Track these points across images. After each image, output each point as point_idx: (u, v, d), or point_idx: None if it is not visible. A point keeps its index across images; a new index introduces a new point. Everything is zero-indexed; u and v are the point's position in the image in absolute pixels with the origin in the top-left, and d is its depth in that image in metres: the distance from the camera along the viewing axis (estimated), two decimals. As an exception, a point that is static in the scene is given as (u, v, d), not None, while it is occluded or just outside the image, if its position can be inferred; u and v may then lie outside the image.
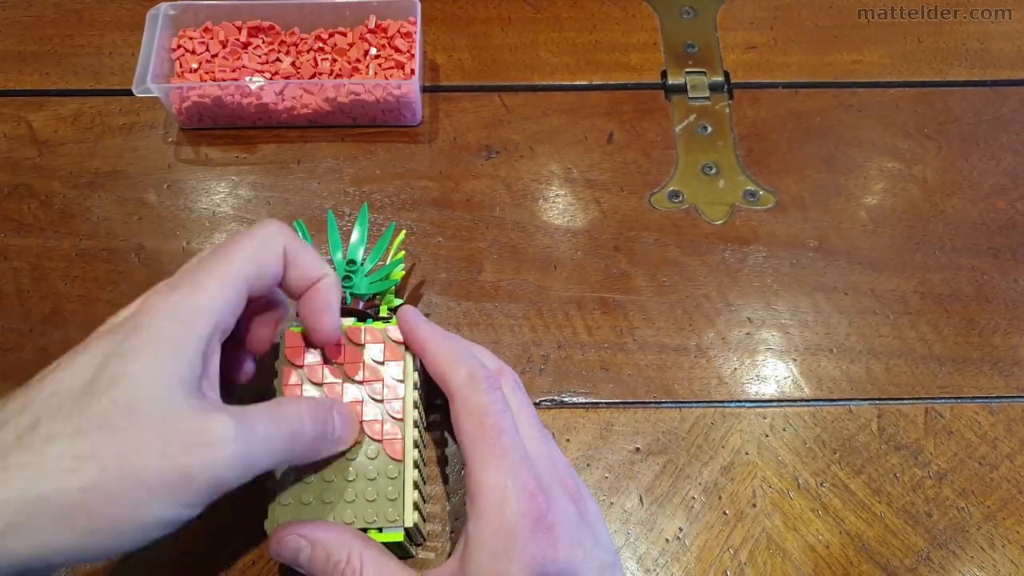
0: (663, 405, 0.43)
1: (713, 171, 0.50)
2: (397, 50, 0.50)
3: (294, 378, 0.36)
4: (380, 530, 0.34)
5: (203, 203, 0.48)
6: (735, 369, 0.44)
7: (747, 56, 0.55)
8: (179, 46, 0.50)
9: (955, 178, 0.50)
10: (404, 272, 0.44)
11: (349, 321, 0.38)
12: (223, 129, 0.50)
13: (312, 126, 0.51)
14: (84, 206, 0.48)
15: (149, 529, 0.27)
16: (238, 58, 0.50)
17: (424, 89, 0.52)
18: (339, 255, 0.41)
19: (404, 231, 0.43)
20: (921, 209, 0.49)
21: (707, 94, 0.53)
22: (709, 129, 0.52)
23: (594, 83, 0.53)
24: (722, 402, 0.43)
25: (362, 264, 0.40)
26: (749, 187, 0.49)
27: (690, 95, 0.53)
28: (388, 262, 0.41)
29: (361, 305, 0.39)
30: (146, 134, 0.50)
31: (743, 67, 0.54)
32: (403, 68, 0.50)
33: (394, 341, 0.37)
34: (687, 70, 0.54)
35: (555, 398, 0.43)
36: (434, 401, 0.41)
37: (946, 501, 0.40)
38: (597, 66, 0.54)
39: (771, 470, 0.41)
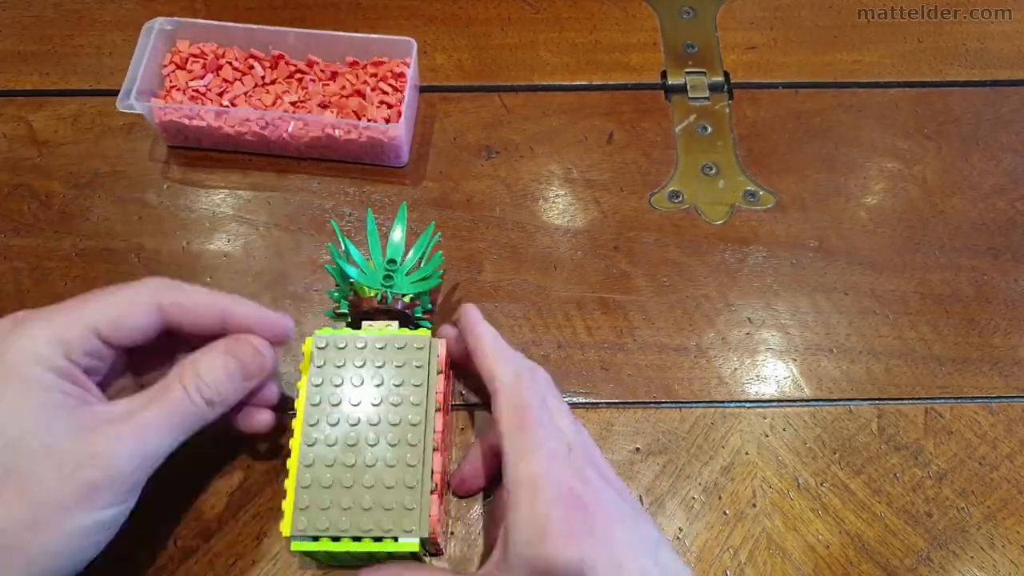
0: (663, 405, 0.43)
1: (713, 171, 0.50)
2: (387, 91, 0.49)
3: (317, 380, 0.36)
4: (395, 539, 0.33)
5: (203, 203, 0.48)
6: (735, 369, 0.44)
7: (747, 56, 0.55)
8: (171, 62, 0.50)
9: (955, 178, 0.50)
10: (443, 274, 0.44)
11: (380, 324, 0.38)
12: (207, 150, 0.50)
13: (295, 157, 0.50)
14: (84, 206, 0.48)
15: (87, 536, 0.29)
16: (226, 82, 0.49)
17: (423, 89, 0.52)
18: (378, 254, 0.41)
19: (439, 233, 0.43)
20: (921, 209, 0.49)
21: (707, 94, 0.53)
22: (709, 129, 0.52)
23: (594, 83, 0.53)
24: (722, 402, 0.43)
25: (402, 263, 0.41)
26: (749, 187, 0.49)
27: (690, 95, 0.53)
28: (427, 262, 0.41)
29: (400, 305, 0.39)
30: (146, 134, 0.50)
31: (743, 67, 0.54)
32: (391, 109, 0.49)
33: (417, 348, 0.37)
34: (687, 70, 0.54)
35: (555, 398, 0.43)
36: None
37: (946, 501, 0.40)
38: (597, 66, 0.54)
39: (771, 470, 0.41)
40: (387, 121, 0.48)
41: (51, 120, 0.51)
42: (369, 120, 0.48)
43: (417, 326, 0.40)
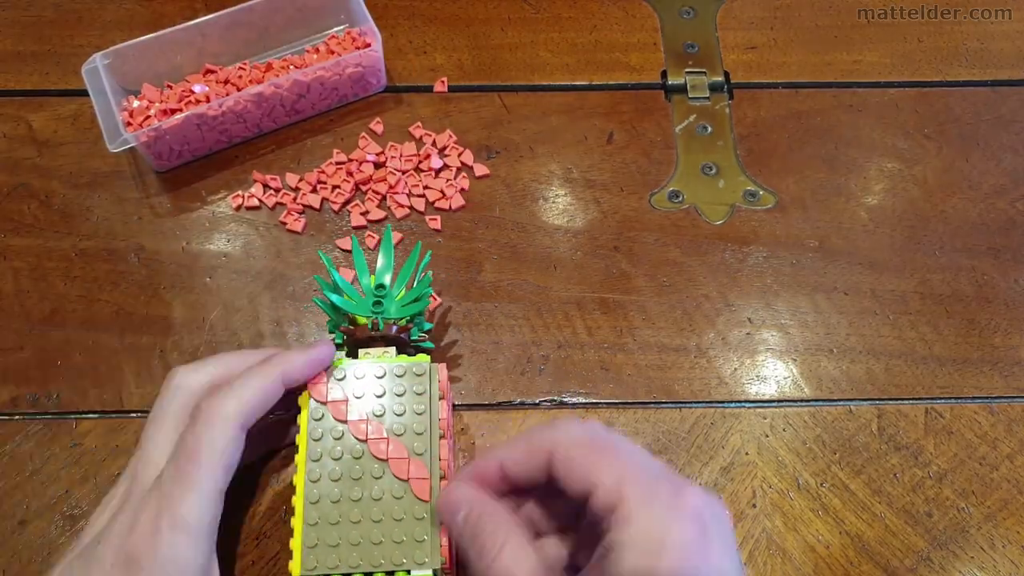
0: (663, 405, 0.43)
1: (713, 171, 0.50)
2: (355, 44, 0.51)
3: (317, 414, 0.35)
4: (408, 572, 0.33)
5: (203, 203, 0.48)
6: (735, 369, 0.44)
7: (747, 56, 0.55)
8: (129, 121, 0.48)
9: (955, 178, 0.50)
10: (431, 294, 0.43)
11: (377, 351, 0.37)
12: (205, 158, 0.50)
13: (283, 126, 0.50)
14: (84, 206, 0.48)
15: None
16: (188, 92, 0.49)
17: (422, 89, 0.53)
18: (366, 280, 0.40)
19: (430, 251, 0.43)
20: (921, 209, 0.49)
21: (707, 94, 0.53)
22: (709, 129, 0.52)
23: (594, 83, 0.53)
24: (722, 402, 0.43)
25: (391, 288, 0.39)
26: (749, 187, 0.49)
27: (690, 95, 0.53)
28: (416, 283, 0.40)
29: (394, 330, 0.38)
30: (146, 134, 0.50)
31: (743, 67, 0.54)
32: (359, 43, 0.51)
33: (417, 375, 0.36)
34: (687, 70, 0.54)
35: (555, 398, 0.43)
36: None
37: (946, 501, 0.40)
38: (597, 66, 0.54)
39: (771, 470, 0.41)
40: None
41: (51, 120, 0.51)
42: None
43: (417, 350, 0.39)
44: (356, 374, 0.36)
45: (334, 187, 0.48)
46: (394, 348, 0.38)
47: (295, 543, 0.33)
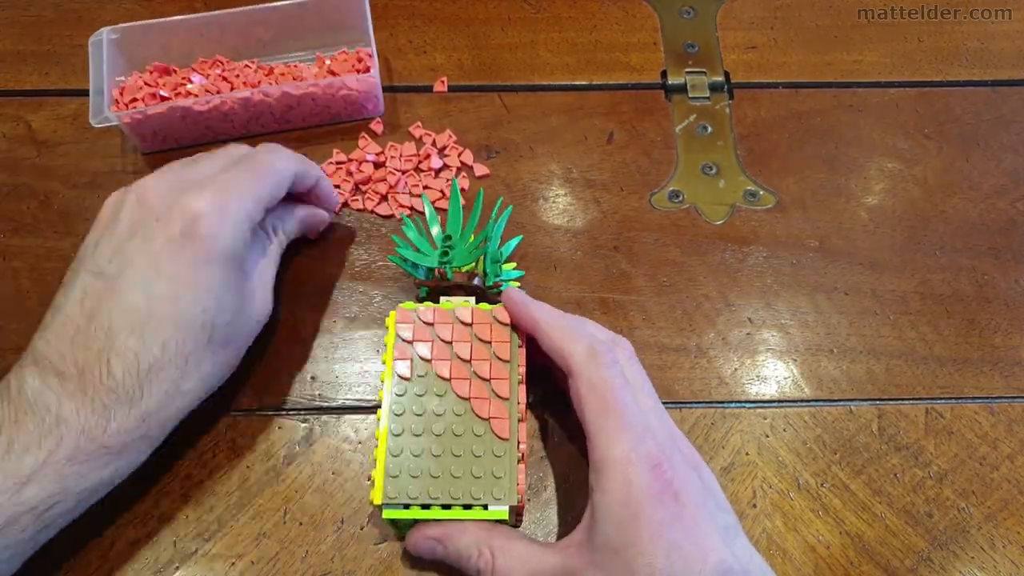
0: (663, 405, 0.42)
1: (713, 171, 0.50)
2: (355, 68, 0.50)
3: (403, 353, 0.37)
4: (485, 507, 0.34)
5: (203, 203, 0.48)
6: (735, 369, 0.43)
7: (747, 56, 0.55)
8: (122, 100, 0.48)
9: (955, 178, 0.50)
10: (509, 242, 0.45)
11: (458, 300, 0.39)
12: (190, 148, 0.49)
13: (275, 132, 0.50)
14: (84, 206, 0.48)
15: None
16: (184, 81, 0.49)
17: (421, 89, 0.52)
18: (436, 229, 0.42)
19: (510, 206, 0.46)
20: (921, 209, 0.49)
21: (707, 94, 0.53)
22: (709, 129, 0.52)
23: (594, 83, 0.53)
24: (722, 402, 0.43)
25: (460, 236, 0.42)
26: (749, 187, 0.49)
27: (690, 95, 0.53)
28: (489, 229, 0.42)
29: (476, 281, 0.40)
30: (146, 134, 0.50)
31: (743, 67, 0.54)
32: (360, 64, 0.50)
33: (500, 322, 0.37)
34: (687, 70, 0.54)
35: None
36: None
37: (947, 501, 0.40)
38: (597, 66, 0.54)
39: (771, 470, 0.41)
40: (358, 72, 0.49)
41: (50, 120, 0.51)
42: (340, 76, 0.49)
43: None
44: (442, 318, 0.38)
45: (334, 187, 0.48)
46: (474, 298, 0.39)
47: (377, 473, 0.34)
